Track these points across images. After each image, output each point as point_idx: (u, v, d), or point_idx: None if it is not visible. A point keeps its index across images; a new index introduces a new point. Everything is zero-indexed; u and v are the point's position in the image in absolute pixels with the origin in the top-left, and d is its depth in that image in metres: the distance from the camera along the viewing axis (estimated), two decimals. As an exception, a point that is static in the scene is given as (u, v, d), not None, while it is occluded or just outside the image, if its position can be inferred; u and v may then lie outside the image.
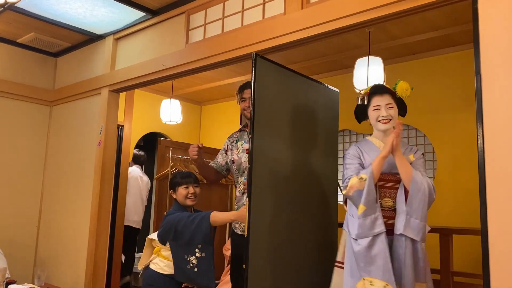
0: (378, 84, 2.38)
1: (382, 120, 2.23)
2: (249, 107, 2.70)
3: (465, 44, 3.70)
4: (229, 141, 2.94)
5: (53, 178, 4.41)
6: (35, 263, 4.38)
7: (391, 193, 2.19)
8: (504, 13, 1.83)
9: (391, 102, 2.25)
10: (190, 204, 2.84)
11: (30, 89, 4.47)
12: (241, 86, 2.86)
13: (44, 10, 3.54)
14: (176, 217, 2.69)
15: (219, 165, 2.95)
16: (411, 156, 2.24)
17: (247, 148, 2.73)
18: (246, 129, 2.86)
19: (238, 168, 2.78)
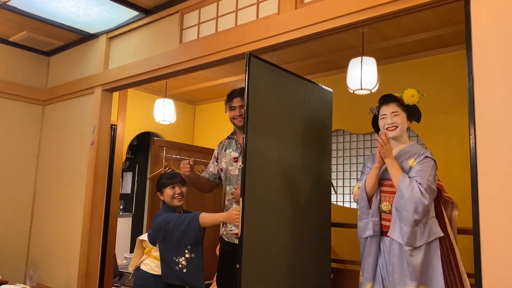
0: (385, 94, 2.46)
1: (389, 128, 2.35)
2: (239, 115, 2.74)
3: (458, 44, 3.72)
4: (218, 149, 2.93)
5: (46, 178, 4.38)
6: (27, 263, 4.35)
7: (389, 197, 2.30)
8: (496, 13, 1.84)
9: (396, 110, 2.36)
10: (178, 204, 2.84)
11: (22, 88, 4.44)
12: (229, 94, 2.85)
13: (37, 8, 3.51)
14: (165, 218, 2.69)
15: (212, 174, 2.92)
16: (411, 161, 2.29)
17: (235, 157, 2.75)
18: (234, 136, 2.86)
19: (226, 176, 2.77)
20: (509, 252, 1.70)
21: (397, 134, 2.36)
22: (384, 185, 2.36)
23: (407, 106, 2.38)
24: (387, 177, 2.33)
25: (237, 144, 2.80)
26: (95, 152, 3.81)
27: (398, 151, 2.38)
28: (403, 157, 2.35)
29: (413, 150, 2.35)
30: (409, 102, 2.36)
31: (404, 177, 2.20)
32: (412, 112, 2.42)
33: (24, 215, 4.40)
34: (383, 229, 2.32)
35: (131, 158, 6.64)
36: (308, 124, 2.77)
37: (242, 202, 2.20)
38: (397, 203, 2.18)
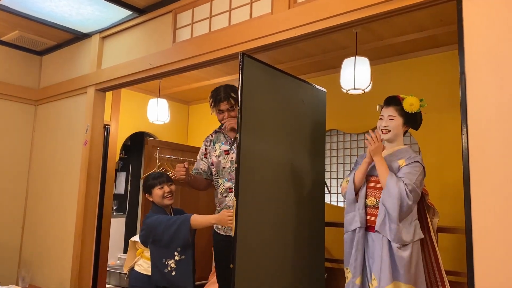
0: (390, 96, 2.48)
1: (382, 130, 2.40)
2: (228, 118, 2.71)
3: (450, 45, 3.74)
4: (206, 144, 2.90)
5: (38, 178, 4.36)
6: (20, 264, 4.32)
7: (375, 192, 2.36)
8: (488, 13, 1.86)
9: (393, 115, 2.39)
10: (168, 203, 2.84)
11: (14, 88, 4.40)
12: (215, 97, 2.76)
13: (29, 8, 3.49)
14: (155, 220, 2.67)
15: (204, 171, 2.88)
16: (402, 161, 2.33)
17: (225, 150, 2.73)
18: (222, 130, 2.83)
19: (218, 170, 2.75)
20: (501, 251, 1.71)
21: (388, 138, 2.40)
22: (370, 181, 2.42)
23: (406, 112, 2.39)
24: (374, 174, 2.38)
25: (226, 138, 2.79)
26: (88, 152, 3.79)
27: (390, 152, 2.41)
28: (393, 157, 2.38)
29: (404, 152, 2.39)
30: (408, 110, 2.38)
31: (392, 176, 2.26)
32: (409, 119, 2.43)
33: (17, 216, 4.37)
34: (368, 224, 2.36)
35: (125, 158, 6.62)
36: (302, 123, 2.78)
37: (236, 202, 2.20)
38: (384, 200, 2.24)
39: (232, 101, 2.73)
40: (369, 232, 2.36)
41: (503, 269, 1.70)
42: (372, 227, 2.33)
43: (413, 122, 2.46)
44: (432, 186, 3.81)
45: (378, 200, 2.32)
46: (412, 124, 2.46)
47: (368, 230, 2.36)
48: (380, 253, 2.22)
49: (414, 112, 2.40)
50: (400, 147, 2.44)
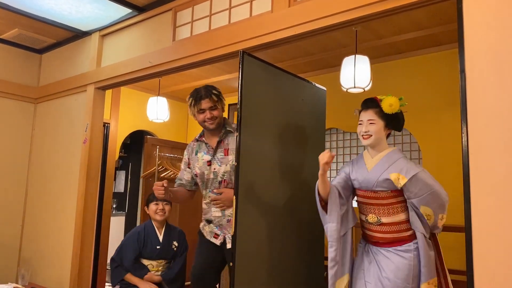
0: (367, 98, 2.32)
1: (363, 136, 2.25)
2: (210, 118, 2.58)
3: (450, 43, 3.74)
4: (188, 153, 2.78)
5: (38, 177, 4.35)
6: (19, 263, 4.32)
7: (374, 209, 2.22)
8: (488, 12, 1.86)
9: (373, 118, 2.22)
10: (159, 219, 3.23)
11: (14, 86, 4.40)
12: (195, 96, 2.61)
13: (28, 5, 3.48)
14: (118, 251, 3.20)
15: (188, 182, 2.76)
16: (396, 176, 2.16)
17: (208, 160, 2.62)
18: (203, 139, 2.72)
19: (202, 181, 2.66)
20: (500, 249, 1.71)
21: (370, 143, 2.24)
22: (368, 197, 2.25)
23: (387, 114, 2.22)
24: (371, 189, 2.22)
25: (207, 147, 2.67)
26: (88, 150, 3.79)
27: (378, 160, 2.24)
28: (382, 167, 2.21)
29: (394, 160, 2.20)
30: (387, 111, 2.20)
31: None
32: (391, 121, 2.26)
33: (16, 214, 4.37)
34: (372, 239, 2.25)
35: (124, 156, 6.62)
36: (302, 122, 2.78)
37: (235, 201, 2.20)
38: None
39: (215, 98, 2.59)
40: (377, 247, 2.23)
41: (502, 267, 1.70)
42: (378, 243, 2.22)
43: (396, 124, 2.29)
44: (431, 184, 3.81)
45: (380, 217, 2.20)
46: (394, 125, 2.28)
47: (374, 245, 2.24)
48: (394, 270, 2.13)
49: (395, 112, 2.23)
50: (386, 151, 2.26)
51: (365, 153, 2.34)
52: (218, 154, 2.60)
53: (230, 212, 2.53)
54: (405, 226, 2.19)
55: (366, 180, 2.23)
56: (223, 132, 2.63)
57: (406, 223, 2.19)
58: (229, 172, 2.55)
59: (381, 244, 2.20)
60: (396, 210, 2.19)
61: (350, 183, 2.33)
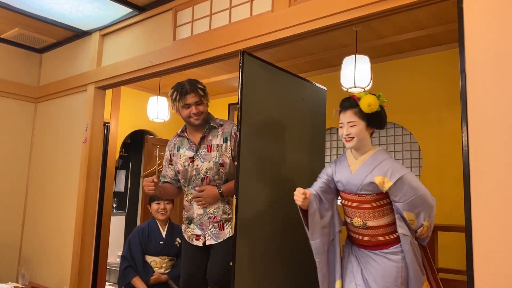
0: (345, 98, 2.20)
1: (346, 138, 2.15)
2: (196, 114, 2.49)
3: (450, 43, 3.74)
4: (170, 149, 2.70)
5: (38, 176, 4.35)
6: (20, 262, 4.32)
7: (359, 212, 2.14)
8: (488, 11, 1.85)
9: (353, 120, 2.12)
10: (160, 218, 3.32)
11: (14, 86, 4.40)
12: (179, 90, 2.51)
13: (29, 5, 3.48)
14: (127, 247, 3.28)
15: (172, 178, 2.69)
16: (381, 179, 2.06)
17: (190, 157, 2.54)
18: (185, 134, 2.62)
19: (185, 178, 2.57)
20: (501, 249, 1.71)
21: (353, 145, 2.14)
22: (353, 200, 2.16)
23: (367, 113, 2.11)
24: (356, 192, 2.13)
25: (190, 143, 2.58)
26: (88, 150, 3.78)
27: (362, 162, 2.15)
28: (366, 169, 2.12)
29: (379, 162, 2.11)
30: (367, 111, 2.09)
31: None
32: (372, 120, 2.14)
33: (16, 213, 4.37)
34: (359, 242, 2.19)
35: (125, 156, 6.62)
36: (302, 122, 2.77)
37: (235, 200, 2.20)
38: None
39: (201, 93, 2.51)
40: (365, 250, 2.17)
41: (503, 267, 1.70)
42: (366, 246, 2.15)
43: (378, 122, 2.18)
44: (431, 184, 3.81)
45: (365, 220, 2.12)
46: (376, 124, 2.18)
47: (362, 248, 2.18)
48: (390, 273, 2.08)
49: (376, 111, 2.11)
50: (370, 152, 2.17)
51: (348, 153, 2.25)
52: (201, 151, 2.52)
53: (212, 209, 2.50)
54: (392, 229, 2.12)
55: (350, 183, 2.15)
56: (207, 127, 2.54)
57: (393, 225, 2.11)
58: (212, 169, 2.48)
59: (368, 247, 2.15)
60: (382, 213, 2.12)
61: (333, 186, 2.25)
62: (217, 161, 2.47)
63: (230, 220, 2.46)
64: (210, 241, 2.48)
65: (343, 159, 2.26)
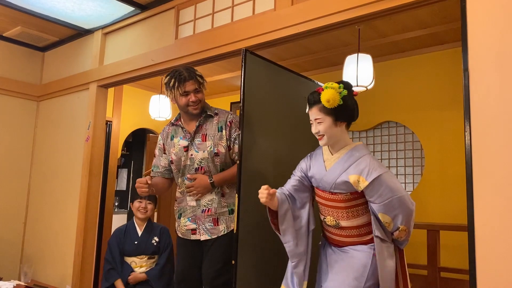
0: (310, 93, 2.03)
1: (318, 136, 2.01)
2: (194, 102, 2.36)
3: (453, 42, 3.73)
4: (163, 138, 2.57)
5: (40, 174, 4.36)
6: (22, 260, 4.33)
7: (332, 211, 2.00)
8: (491, 10, 1.85)
9: (319, 117, 1.96)
10: (140, 216, 3.32)
11: (16, 84, 4.41)
12: (178, 78, 2.35)
13: (31, 3, 3.48)
14: (108, 249, 3.27)
15: (165, 169, 2.56)
16: (355, 178, 1.90)
17: (185, 146, 2.42)
18: (179, 122, 2.49)
19: (178, 168, 2.45)
20: (503, 249, 1.71)
21: (325, 143, 1.99)
22: (326, 198, 2.02)
23: (334, 108, 1.92)
24: (329, 190, 1.99)
25: (184, 132, 2.45)
26: (90, 148, 3.79)
27: (338, 159, 1.99)
28: (342, 167, 1.96)
29: (355, 159, 1.94)
30: (329, 107, 1.91)
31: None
32: (340, 114, 1.95)
33: (19, 212, 4.38)
34: (332, 242, 2.06)
35: (126, 154, 6.63)
36: (304, 120, 2.77)
37: (238, 198, 2.20)
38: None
39: (200, 80, 2.39)
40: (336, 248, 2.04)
41: (505, 267, 1.69)
42: (337, 244, 2.03)
43: (347, 115, 1.97)
44: (433, 183, 3.81)
45: (338, 220, 1.98)
46: (346, 117, 1.98)
47: (334, 246, 2.06)
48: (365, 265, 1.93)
49: (343, 103, 1.92)
50: (347, 148, 2.00)
51: (324, 147, 2.09)
52: (196, 140, 2.41)
53: (206, 201, 2.39)
54: (366, 230, 1.97)
55: (324, 181, 2.00)
56: (203, 116, 2.43)
57: (367, 226, 1.96)
58: (206, 159, 2.37)
59: (341, 246, 2.02)
60: (356, 213, 1.96)
61: (307, 183, 2.11)
62: (212, 150, 2.37)
63: (225, 214, 2.39)
64: (204, 236, 2.38)
65: (319, 152, 2.11)
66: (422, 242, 3.45)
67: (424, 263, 3.41)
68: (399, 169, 4.19)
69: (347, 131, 2.04)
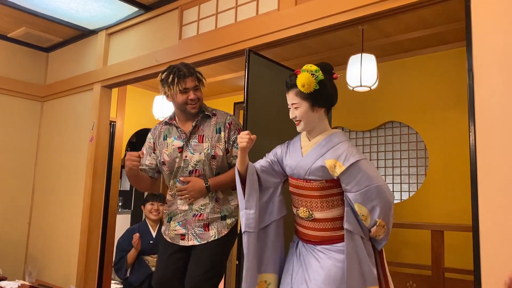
0: (288, 76, 1.96)
1: (294, 121, 1.93)
2: (193, 100, 2.23)
3: (457, 42, 3.72)
4: (154, 137, 2.40)
5: (45, 174, 4.38)
6: (26, 260, 4.35)
7: (306, 201, 1.89)
8: (496, 9, 1.84)
9: (295, 102, 1.89)
10: (153, 218, 3.48)
11: (21, 85, 4.42)
12: (177, 74, 2.22)
13: (36, 4, 3.50)
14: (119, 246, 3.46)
15: (150, 168, 2.38)
16: (332, 162, 1.80)
17: (179, 146, 2.28)
18: (174, 122, 2.34)
19: (171, 170, 2.30)
20: (508, 249, 1.70)
21: (302, 129, 1.91)
22: (300, 187, 1.91)
23: (310, 92, 1.84)
24: (295, 176, 1.90)
25: (179, 132, 2.31)
26: (94, 148, 3.80)
27: (315, 144, 1.90)
28: (319, 152, 1.86)
29: (333, 144, 1.85)
30: (305, 91, 1.84)
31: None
32: (317, 99, 1.86)
33: (23, 212, 4.39)
34: (304, 237, 1.93)
35: (130, 155, 6.62)
36: (308, 121, 2.77)
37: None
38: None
39: (199, 77, 2.27)
40: (308, 245, 1.91)
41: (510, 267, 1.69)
42: (308, 240, 1.90)
43: (324, 101, 1.89)
44: (437, 183, 3.80)
45: (312, 211, 1.87)
46: (323, 103, 1.89)
47: (306, 243, 1.93)
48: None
49: (319, 88, 1.84)
50: (325, 134, 1.91)
51: (302, 134, 2.00)
52: (192, 141, 2.27)
53: (199, 206, 2.25)
54: (341, 223, 1.83)
55: (299, 167, 1.89)
56: (201, 116, 2.31)
57: (342, 219, 1.83)
58: (202, 161, 2.24)
59: (314, 242, 1.88)
60: (331, 203, 1.84)
61: (278, 168, 2.01)
62: (209, 152, 2.24)
63: (217, 220, 2.25)
64: (192, 241, 2.24)
65: (297, 140, 2.02)
66: (426, 242, 3.44)
67: (428, 263, 3.40)
68: (403, 169, 4.18)
69: (326, 117, 1.95)
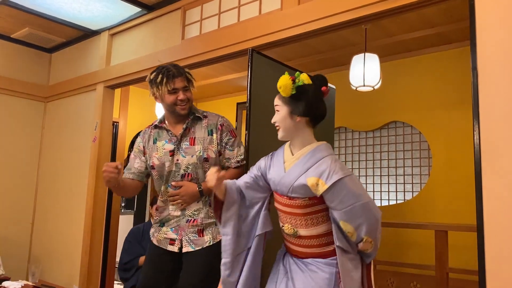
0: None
1: (275, 125, 1.82)
2: (182, 100, 2.16)
3: (461, 41, 3.71)
4: (143, 141, 2.30)
5: (48, 175, 4.39)
6: (29, 260, 4.36)
7: (290, 218, 1.78)
8: (500, 8, 1.83)
9: (277, 104, 1.79)
10: None
11: (24, 85, 4.43)
12: (166, 74, 2.14)
13: (39, 5, 3.51)
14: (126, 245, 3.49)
15: (139, 172, 2.27)
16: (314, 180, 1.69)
17: (170, 150, 2.19)
18: (164, 125, 2.26)
19: (161, 175, 2.21)
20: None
21: (281, 136, 1.80)
22: (283, 204, 1.80)
23: (292, 97, 1.73)
24: (279, 192, 1.80)
25: (170, 135, 2.23)
26: (97, 149, 3.81)
27: (298, 160, 1.78)
28: (301, 169, 1.74)
29: (316, 160, 1.73)
30: (281, 94, 1.74)
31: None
32: (295, 106, 1.73)
33: (26, 212, 4.40)
34: (291, 252, 1.84)
35: (133, 155, 6.63)
36: (311, 120, 2.76)
37: (244, 198, 2.19)
38: None
39: (189, 77, 2.20)
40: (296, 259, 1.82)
41: (515, 267, 1.68)
42: (296, 255, 1.81)
43: (304, 111, 1.73)
44: (441, 183, 3.79)
45: (296, 228, 1.77)
46: (301, 111, 1.73)
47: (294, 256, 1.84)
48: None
49: (298, 94, 1.72)
50: (309, 148, 1.78)
51: (286, 146, 1.87)
52: (183, 144, 2.19)
53: (192, 211, 2.17)
54: (328, 240, 1.75)
55: (281, 183, 1.78)
56: (191, 118, 2.23)
57: (329, 235, 1.74)
58: (194, 164, 2.16)
59: (300, 257, 1.80)
60: (315, 220, 1.75)
61: (263, 183, 1.89)
62: (201, 155, 2.16)
63: (211, 225, 2.16)
64: (187, 248, 2.14)
65: (280, 152, 1.89)
66: (430, 242, 3.43)
67: (432, 263, 3.39)
68: (406, 169, 4.17)
69: (311, 130, 1.80)
